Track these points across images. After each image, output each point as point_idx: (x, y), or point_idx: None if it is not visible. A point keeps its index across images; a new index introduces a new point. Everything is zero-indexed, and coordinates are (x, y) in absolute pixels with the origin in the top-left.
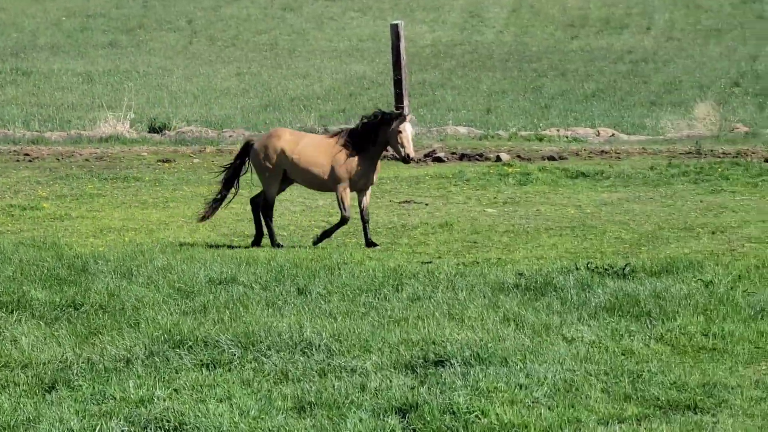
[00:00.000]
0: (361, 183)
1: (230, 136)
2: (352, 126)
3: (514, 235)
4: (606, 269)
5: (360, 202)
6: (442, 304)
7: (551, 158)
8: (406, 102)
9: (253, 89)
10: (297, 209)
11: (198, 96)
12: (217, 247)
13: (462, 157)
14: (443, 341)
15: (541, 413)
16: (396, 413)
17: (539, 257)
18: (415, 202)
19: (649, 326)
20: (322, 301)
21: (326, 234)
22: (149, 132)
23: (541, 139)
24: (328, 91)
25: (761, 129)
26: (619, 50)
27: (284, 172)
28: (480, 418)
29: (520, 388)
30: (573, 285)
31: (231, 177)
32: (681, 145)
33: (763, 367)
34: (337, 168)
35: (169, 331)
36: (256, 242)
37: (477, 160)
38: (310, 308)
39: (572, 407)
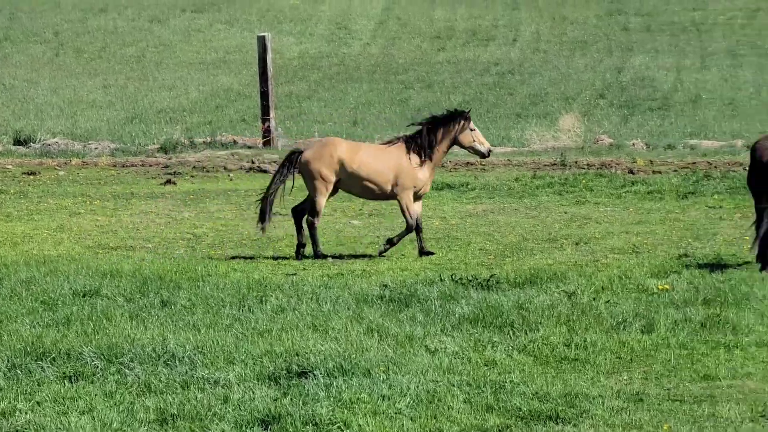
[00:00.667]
0: (422, 190)
1: (96, 149)
2: (411, 132)
3: (378, 246)
4: (470, 280)
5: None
6: (306, 316)
7: None
8: (272, 114)
9: (119, 101)
10: (162, 221)
11: (64, 108)
12: (81, 259)
13: None
14: (307, 353)
15: (403, 424)
16: (259, 425)
17: (404, 268)
18: (280, 214)
19: (512, 337)
20: (186, 313)
21: (392, 243)
22: (14, 144)
23: None
24: (194, 104)
25: (625, 141)
26: (486, 62)
27: (337, 183)
28: (343, 430)
29: (383, 399)
30: (437, 296)
31: (277, 186)
32: (546, 156)
33: (625, 378)
34: (401, 177)
35: (32, 343)
36: (298, 253)
37: None
38: (174, 320)
39: (435, 418)
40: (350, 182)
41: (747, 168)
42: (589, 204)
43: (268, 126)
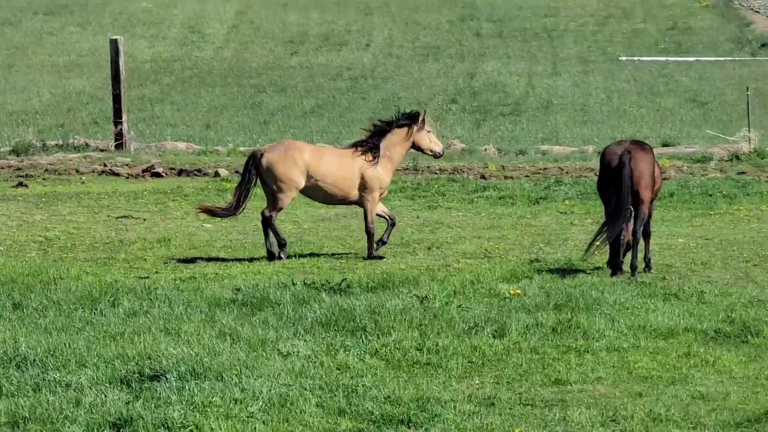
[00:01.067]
0: (384, 193)
1: None
2: (368, 135)
3: (231, 250)
4: (323, 284)
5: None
6: (158, 320)
7: None
8: (124, 117)
9: None
10: (13, 224)
11: None
12: None
13: (181, 172)
14: (159, 356)
15: (256, 427)
16: (111, 428)
17: (256, 272)
18: (133, 218)
19: (365, 341)
20: (37, 316)
21: (372, 252)
22: None
23: None
24: (46, 106)
25: (477, 146)
26: (339, 67)
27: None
28: None
29: (236, 402)
30: (289, 300)
31: (244, 191)
32: None
33: (476, 382)
34: (367, 180)
35: None
36: (273, 256)
37: (196, 175)
38: (25, 323)
39: (287, 422)
40: (313, 188)
41: (597, 173)
42: (441, 209)
43: (121, 129)
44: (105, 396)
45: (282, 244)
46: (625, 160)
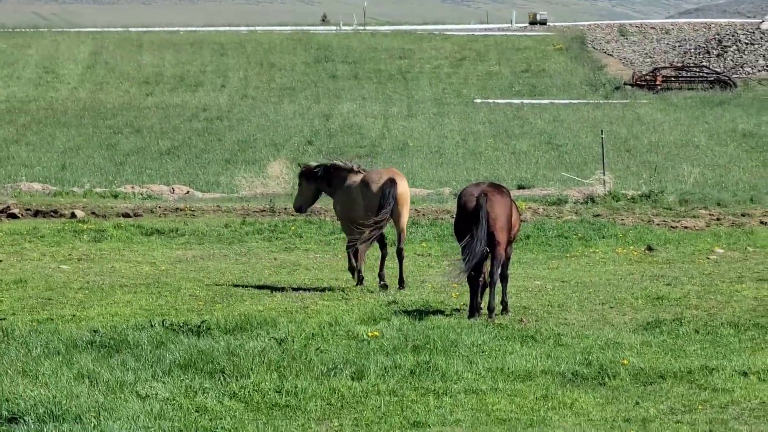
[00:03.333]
0: None
1: None
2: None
3: (89, 291)
4: (181, 326)
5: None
6: (16, 362)
7: (126, 215)
8: None
9: None
10: None
11: None
12: None
13: (37, 213)
14: (17, 398)
15: None
16: None
17: (114, 314)
18: None
19: (223, 383)
20: None
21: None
22: None
23: (116, 196)
24: None
25: None
26: (195, 107)
27: None
28: None
29: None
30: (148, 342)
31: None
32: (255, 202)
33: (336, 424)
34: None
35: None
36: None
37: (52, 216)
38: None
39: None
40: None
41: (454, 216)
42: (299, 250)
43: None
44: None
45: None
46: (482, 202)
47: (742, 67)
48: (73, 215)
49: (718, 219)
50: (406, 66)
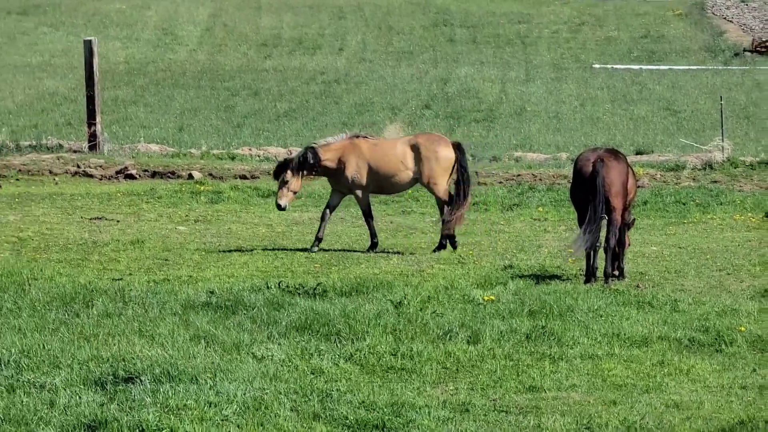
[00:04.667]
0: None
1: None
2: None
3: (205, 253)
4: (297, 288)
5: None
6: (132, 322)
7: (243, 177)
8: (98, 119)
9: None
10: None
11: None
12: None
13: (154, 174)
14: (133, 358)
15: (230, 431)
16: (85, 430)
17: (230, 275)
18: (106, 219)
19: (339, 345)
20: (11, 317)
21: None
22: None
23: (233, 158)
24: (20, 107)
25: None
26: (312, 71)
27: None
28: None
29: (210, 405)
30: (264, 303)
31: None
32: None
33: (451, 388)
34: None
35: None
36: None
37: (169, 177)
38: None
39: (261, 425)
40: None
41: (570, 181)
42: (415, 214)
43: (94, 131)
44: (79, 398)
45: None
46: (598, 168)
47: None
48: (190, 176)
49: None
50: (525, 30)
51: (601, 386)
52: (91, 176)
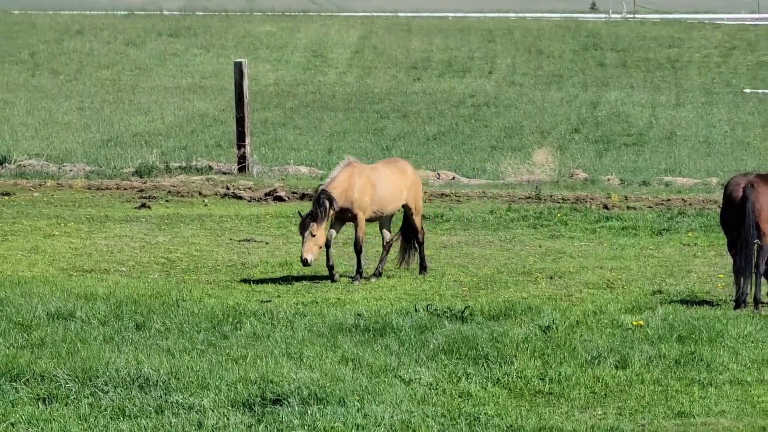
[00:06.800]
0: None
1: (71, 171)
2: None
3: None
4: (444, 312)
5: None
6: (280, 343)
7: None
8: (248, 140)
9: (94, 124)
10: (136, 245)
11: (39, 129)
12: (55, 281)
13: (303, 196)
14: (281, 380)
15: None
16: None
17: (378, 298)
18: (255, 241)
19: (487, 369)
20: (160, 337)
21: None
22: None
23: None
24: (170, 128)
25: (600, 176)
26: (461, 93)
27: None
28: None
29: (358, 428)
30: (411, 327)
31: None
32: (521, 189)
33: (599, 412)
34: None
35: (6, 364)
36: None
37: None
38: (148, 344)
39: None
40: None
41: (720, 206)
42: (564, 238)
43: (244, 152)
44: (227, 419)
45: None
46: (748, 193)
47: None
48: None
49: None
50: (675, 55)
51: (750, 412)
52: (241, 198)
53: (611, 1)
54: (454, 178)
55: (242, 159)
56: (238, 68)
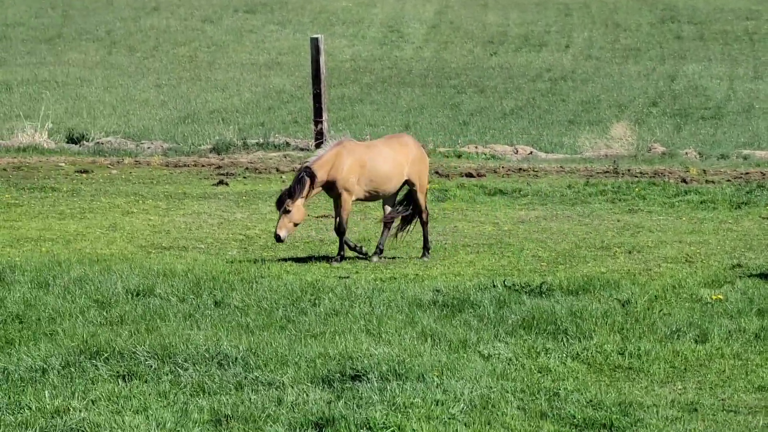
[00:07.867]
0: None
1: (148, 148)
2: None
3: (431, 251)
4: (523, 287)
5: None
6: (359, 319)
7: (469, 175)
8: (325, 116)
9: (171, 101)
10: (214, 222)
11: (117, 107)
12: (134, 258)
13: None
14: (360, 356)
15: (457, 429)
16: (312, 427)
17: (456, 274)
18: (332, 217)
19: (566, 344)
20: (239, 314)
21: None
22: (67, 142)
23: (459, 156)
24: (247, 105)
25: (678, 149)
26: (538, 68)
27: None
28: None
29: (437, 404)
30: (490, 302)
31: None
32: (598, 164)
33: (679, 387)
34: None
35: (86, 341)
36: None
37: None
38: (227, 321)
39: (488, 424)
40: None
41: None
42: (642, 212)
43: (321, 128)
44: (307, 395)
45: None
46: None
47: None
48: None
49: None
50: (753, 27)
51: None
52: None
53: None
54: (531, 152)
55: (319, 135)
56: (315, 44)
